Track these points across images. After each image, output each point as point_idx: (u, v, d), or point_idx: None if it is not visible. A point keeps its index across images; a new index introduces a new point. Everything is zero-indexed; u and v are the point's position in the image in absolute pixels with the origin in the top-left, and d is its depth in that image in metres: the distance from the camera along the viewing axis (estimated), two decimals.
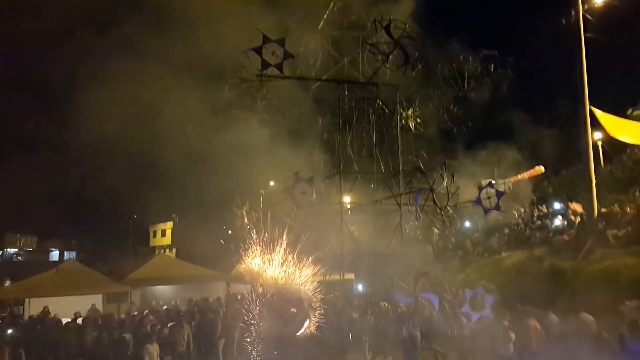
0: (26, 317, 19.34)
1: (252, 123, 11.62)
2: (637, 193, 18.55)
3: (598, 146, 23.32)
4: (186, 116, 12.88)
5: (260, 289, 17.13)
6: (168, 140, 12.91)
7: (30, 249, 61.43)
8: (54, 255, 62.19)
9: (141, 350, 13.21)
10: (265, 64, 10.33)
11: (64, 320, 17.12)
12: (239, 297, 21.73)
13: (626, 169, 21.68)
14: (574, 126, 18.03)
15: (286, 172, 10.42)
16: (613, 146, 22.22)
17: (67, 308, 19.00)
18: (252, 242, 11.40)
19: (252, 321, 9.45)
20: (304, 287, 9.59)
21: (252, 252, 11.05)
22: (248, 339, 13.71)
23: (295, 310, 9.29)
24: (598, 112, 17.66)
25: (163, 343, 14.08)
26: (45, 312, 18.52)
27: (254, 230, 11.56)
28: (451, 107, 11.55)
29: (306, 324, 9.26)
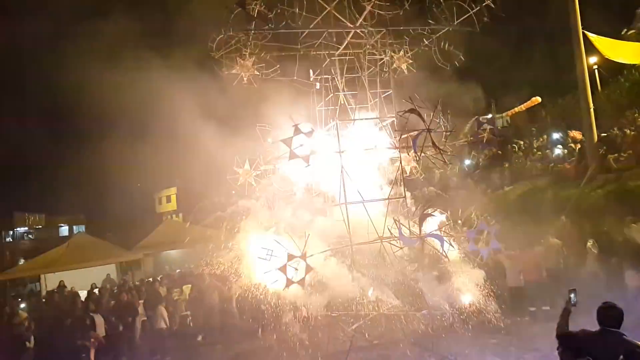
0: (43, 292, 19.79)
1: (242, 80, 11.45)
2: (637, 114, 18.44)
3: (594, 70, 23.04)
4: (178, 80, 12.73)
5: None
6: (161, 105, 12.80)
7: (40, 227, 61.97)
8: (64, 230, 62.73)
9: (154, 311, 13.71)
10: (250, 18, 10.16)
11: (81, 292, 17.53)
12: None
13: (624, 91, 21.47)
14: (568, 52, 17.76)
15: (283, 127, 10.36)
16: (609, 69, 21.92)
17: (82, 280, 19.41)
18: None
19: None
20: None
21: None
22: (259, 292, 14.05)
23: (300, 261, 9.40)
24: (591, 36, 17.34)
25: (193, 299, 14.59)
26: (62, 286, 18.92)
27: (257, 188, 11.62)
28: (442, 44, 11.34)
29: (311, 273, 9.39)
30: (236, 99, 12.11)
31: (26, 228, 60.60)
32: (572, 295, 5.57)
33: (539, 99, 27.10)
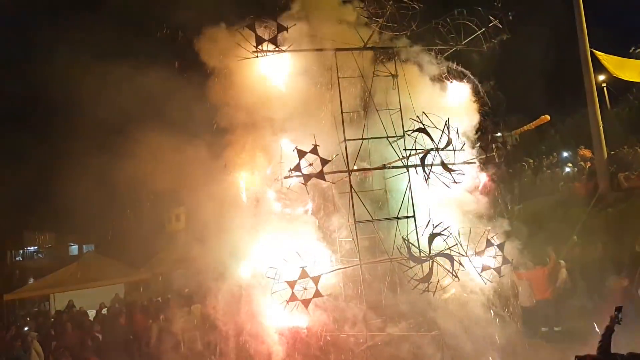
0: (52, 312, 19.78)
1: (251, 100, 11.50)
2: None
3: (602, 88, 23.00)
4: (186, 100, 12.82)
5: None
6: (169, 125, 12.88)
7: (50, 246, 62.06)
8: (73, 249, 62.72)
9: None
10: (259, 40, 10.24)
11: (90, 312, 17.51)
12: None
13: (633, 108, 21.42)
14: (576, 71, 17.73)
15: (290, 146, 10.38)
16: (618, 87, 21.90)
17: (91, 300, 19.40)
18: None
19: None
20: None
21: None
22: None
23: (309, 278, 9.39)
24: (599, 54, 17.33)
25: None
26: (70, 305, 18.91)
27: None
28: (450, 63, 11.39)
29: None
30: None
31: (36, 247, 60.70)
32: (617, 313, 5.36)
33: (548, 117, 26.97)
